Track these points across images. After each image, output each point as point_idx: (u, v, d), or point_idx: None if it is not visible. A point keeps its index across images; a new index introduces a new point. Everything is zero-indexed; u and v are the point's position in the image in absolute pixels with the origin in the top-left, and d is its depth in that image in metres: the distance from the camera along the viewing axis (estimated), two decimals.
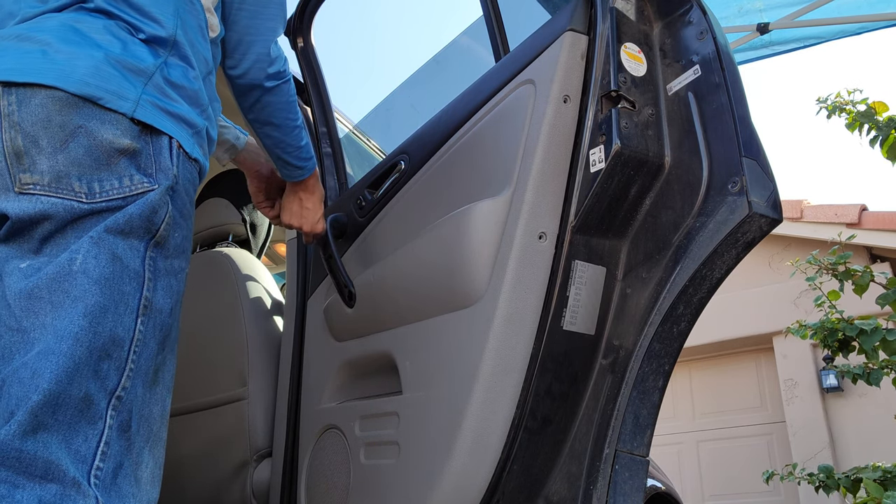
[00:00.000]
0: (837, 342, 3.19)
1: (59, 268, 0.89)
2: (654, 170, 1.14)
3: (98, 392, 0.88)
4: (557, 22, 1.23)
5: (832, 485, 3.24)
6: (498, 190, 1.22)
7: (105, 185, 0.94)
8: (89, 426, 0.86)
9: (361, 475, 1.35)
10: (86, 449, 0.85)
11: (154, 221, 0.97)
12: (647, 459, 1.13)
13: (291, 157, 1.34)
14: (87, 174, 0.93)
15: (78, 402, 0.85)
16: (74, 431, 0.85)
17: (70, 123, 0.93)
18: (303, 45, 1.96)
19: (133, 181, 0.96)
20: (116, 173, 0.95)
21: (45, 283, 0.88)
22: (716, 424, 6.56)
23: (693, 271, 1.06)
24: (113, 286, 0.91)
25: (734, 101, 1.06)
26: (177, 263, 1.01)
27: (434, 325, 1.27)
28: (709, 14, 1.14)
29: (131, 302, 0.93)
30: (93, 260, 0.90)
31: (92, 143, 0.94)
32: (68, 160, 0.92)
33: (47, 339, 0.86)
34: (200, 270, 1.89)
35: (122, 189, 0.95)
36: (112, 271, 0.91)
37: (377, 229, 1.52)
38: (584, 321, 1.17)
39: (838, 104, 3.11)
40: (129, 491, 0.90)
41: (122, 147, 0.95)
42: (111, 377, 0.90)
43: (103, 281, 0.90)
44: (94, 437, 0.86)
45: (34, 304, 0.88)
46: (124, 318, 0.92)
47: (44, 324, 0.87)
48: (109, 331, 0.90)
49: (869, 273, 3.11)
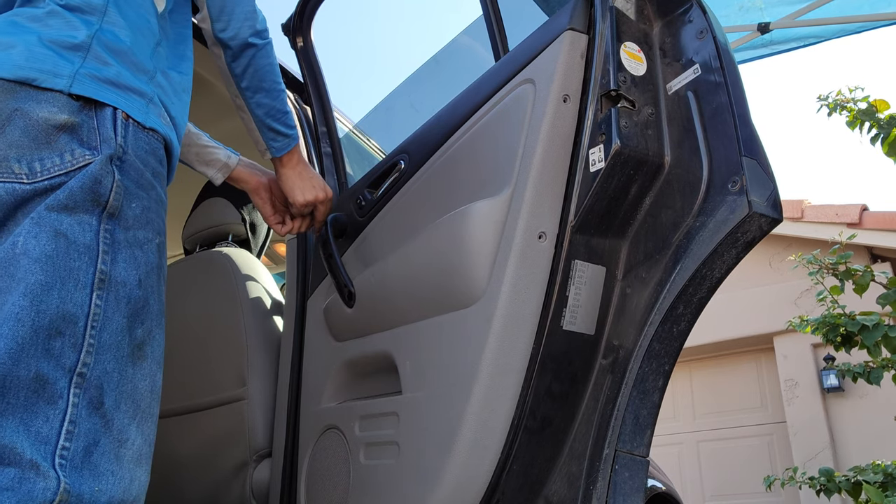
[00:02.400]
0: (839, 337, 3.19)
1: (4, 253, 0.89)
2: (653, 169, 1.14)
3: (54, 371, 0.87)
4: (557, 21, 1.22)
5: (833, 488, 3.24)
6: (497, 189, 1.22)
7: (46, 163, 0.93)
8: (49, 406, 0.85)
9: (361, 475, 1.35)
10: (47, 430, 0.84)
11: (100, 193, 0.95)
12: (647, 459, 1.13)
13: (281, 123, 1.34)
14: (26, 154, 0.92)
15: (29, 382, 0.84)
16: (32, 413, 0.84)
17: (6, 109, 0.93)
18: (303, 45, 1.95)
19: (75, 155, 0.95)
20: (57, 150, 0.94)
21: None
22: (716, 424, 6.56)
23: (693, 271, 1.06)
24: (57, 263, 0.90)
25: (734, 101, 1.06)
26: (141, 234, 1.00)
27: (434, 324, 1.27)
28: (709, 13, 1.14)
29: (83, 277, 0.92)
30: (32, 240, 0.89)
31: (28, 123, 0.93)
32: (5, 143, 0.92)
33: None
34: (200, 270, 1.89)
35: (65, 165, 0.94)
36: (55, 248, 0.90)
37: (377, 229, 1.52)
38: (584, 321, 1.17)
39: (839, 102, 3.11)
40: (107, 468, 0.89)
41: (60, 123, 0.95)
42: (67, 354, 0.88)
43: (45, 259, 0.89)
44: (55, 417, 0.85)
45: None
46: (75, 294, 0.91)
47: None
48: (56, 308, 0.88)
49: (869, 273, 3.11)
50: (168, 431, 1.84)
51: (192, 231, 2.03)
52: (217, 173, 1.47)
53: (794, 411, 6.00)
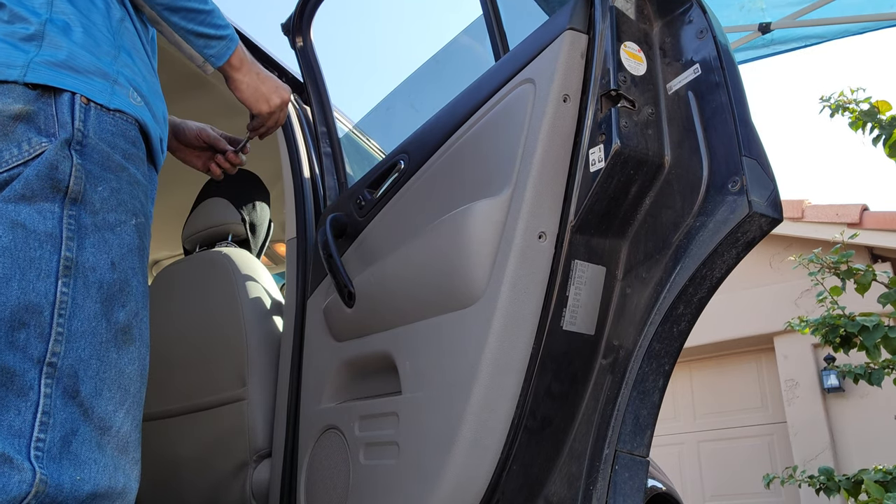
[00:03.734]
0: (839, 338, 3.18)
1: None
2: (653, 169, 1.14)
3: (21, 363, 0.86)
4: (557, 21, 1.22)
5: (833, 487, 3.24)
6: (497, 189, 1.22)
7: (4, 154, 0.93)
8: (19, 399, 0.84)
9: (361, 475, 1.35)
10: (20, 422, 0.83)
11: (58, 179, 0.94)
12: (648, 460, 1.13)
13: (206, 25, 1.18)
14: None
15: None
16: (2, 407, 0.83)
17: None
18: (302, 45, 1.95)
19: (31, 144, 0.94)
20: (15, 141, 0.93)
21: None
22: (716, 425, 6.56)
23: (693, 271, 1.06)
24: (15, 254, 0.89)
25: (734, 101, 1.06)
26: (112, 217, 0.98)
27: (434, 325, 1.27)
28: (709, 13, 1.14)
29: (45, 266, 0.91)
30: None
31: None
32: None
33: None
34: (200, 270, 1.89)
35: (22, 154, 0.93)
36: (12, 240, 0.89)
37: (377, 229, 1.52)
38: (584, 321, 1.17)
39: (841, 103, 3.11)
40: (89, 457, 0.88)
41: (15, 113, 0.94)
42: (33, 345, 0.87)
43: (2, 251, 0.88)
44: (27, 410, 0.84)
45: None
46: (37, 284, 0.90)
47: None
48: (17, 299, 0.88)
49: (871, 272, 3.10)
50: (168, 432, 1.84)
51: (191, 231, 2.03)
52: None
53: (795, 411, 5.99)
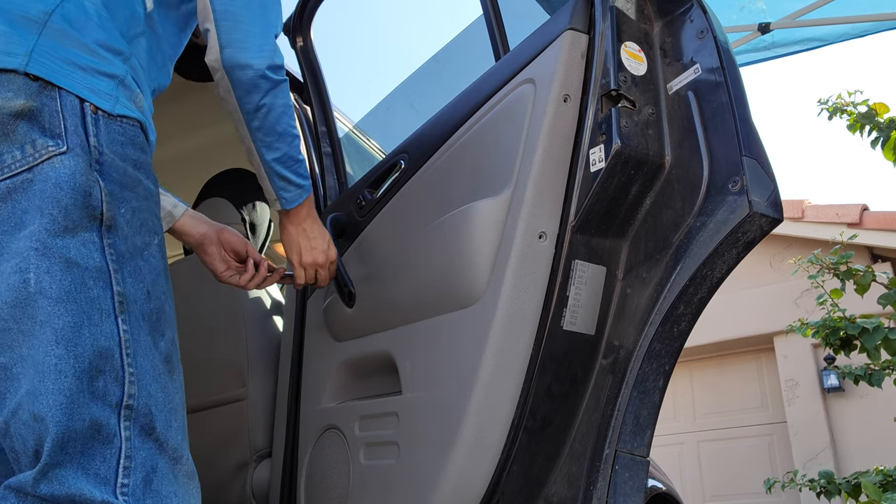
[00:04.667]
0: (839, 340, 3.18)
1: (14, 292, 0.81)
2: (654, 169, 1.14)
3: (103, 411, 0.82)
4: (557, 21, 1.22)
5: (833, 490, 3.24)
6: (498, 189, 1.22)
7: (6, 157, 0.83)
8: (104, 447, 0.81)
9: (361, 475, 1.35)
10: (105, 470, 0.80)
11: (93, 206, 0.86)
12: (648, 460, 1.13)
13: (293, 172, 1.18)
14: None
15: (85, 430, 0.80)
16: (89, 456, 0.80)
17: None
18: (303, 45, 1.95)
19: (36, 147, 0.84)
20: (17, 142, 0.84)
21: (9, 314, 0.81)
22: (716, 425, 6.56)
23: (693, 271, 1.06)
24: (78, 297, 0.83)
25: (735, 101, 1.06)
26: (138, 240, 0.91)
27: (434, 325, 1.27)
28: (709, 13, 1.14)
29: (104, 305, 0.85)
30: (46, 276, 0.81)
31: None
32: None
33: (29, 374, 0.80)
34: (200, 270, 1.89)
35: (26, 159, 0.84)
36: (71, 282, 0.83)
37: (377, 229, 1.52)
38: (584, 321, 1.16)
39: (839, 105, 3.11)
40: (169, 491, 0.85)
41: (16, 109, 0.84)
42: (112, 391, 0.83)
43: (65, 297, 0.82)
44: (112, 457, 0.81)
45: (4, 337, 0.81)
46: (103, 326, 0.84)
47: (22, 356, 0.80)
48: (91, 347, 0.82)
49: (871, 273, 3.10)
50: None
51: None
52: None
53: (795, 411, 5.99)
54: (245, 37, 1.05)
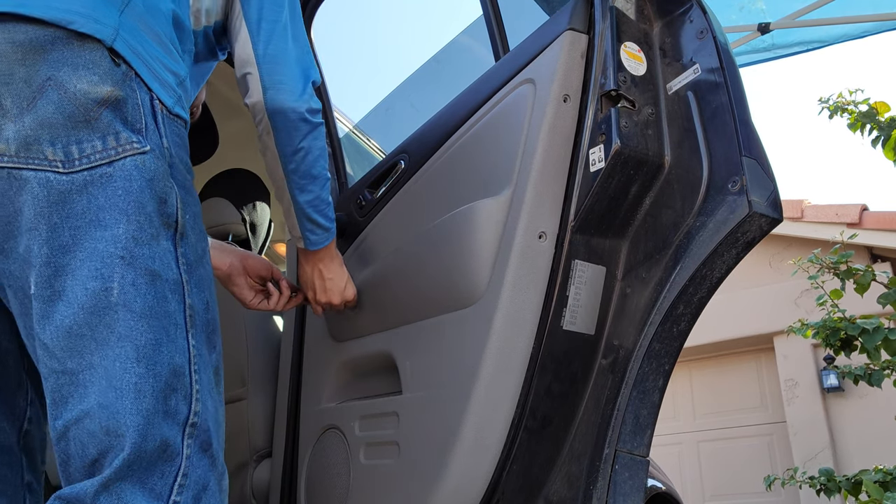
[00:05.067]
0: (839, 341, 3.18)
1: (94, 298, 0.77)
2: (653, 169, 1.14)
3: (171, 430, 0.79)
4: (557, 21, 1.22)
5: (833, 488, 3.24)
6: (498, 189, 1.22)
7: (85, 146, 0.78)
8: (166, 464, 0.79)
9: (361, 475, 1.35)
10: (161, 486, 0.78)
11: (169, 213, 0.83)
12: (647, 459, 1.13)
13: (322, 215, 1.19)
14: (61, 135, 0.77)
15: (155, 451, 0.78)
16: (150, 472, 0.78)
17: (37, 76, 0.77)
18: None
19: (119, 140, 0.79)
20: (98, 130, 0.79)
21: (84, 319, 0.77)
22: (716, 424, 6.56)
23: (693, 271, 1.06)
24: (159, 312, 0.80)
25: (734, 101, 1.06)
26: (199, 248, 0.89)
27: (434, 324, 1.27)
28: (709, 13, 1.14)
29: (178, 319, 0.82)
30: (131, 288, 0.78)
31: (63, 98, 0.77)
32: (36, 122, 0.77)
33: (101, 385, 0.76)
34: None
35: (107, 151, 0.79)
36: (154, 295, 0.79)
37: (377, 229, 1.52)
38: (584, 321, 1.17)
39: (840, 105, 3.11)
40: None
41: (102, 96, 0.79)
42: (181, 410, 0.80)
43: (148, 312, 0.79)
44: (170, 474, 0.79)
45: (76, 342, 0.77)
46: (178, 342, 0.81)
47: (92, 365, 0.77)
48: (168, 365, 0.79)
49: (870, 272, 3.10)
50: None
51: None
52: None
53: (795, 411, 5.99)
54: (287, 80, 1.07)
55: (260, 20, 1.07)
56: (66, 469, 0.78)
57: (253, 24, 1.07)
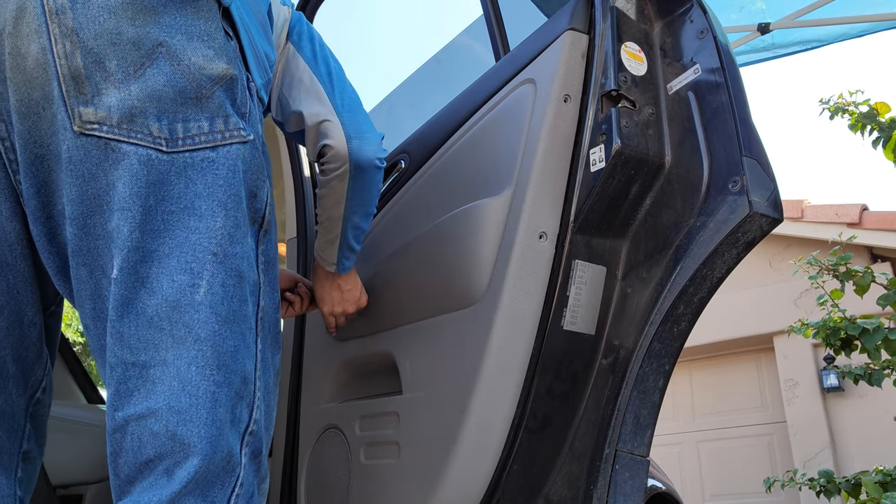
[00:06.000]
0: (839, 341, 3.18)
1: (179, 292, 0.72)
2: (654, 169, 1.14)
3: (235, 440, 0.76)
4: (558, 21, 1.22)
5: (833, 489, 3.24)
6: (498, 189, 1.22)
7: (191, 125, 0.72)
8: (227, 476, 0.75)
9: (361, 475, 1.35)
10: (221, 498, 0.75)
11: (257, 209, 0.79)
12: (648, 459, 1.13)
13: (359, 243, 1.22)
14: (168, 111, 0.71)
15: (221, 462, 0.74)
16: (212, 484, 0.74)
17: (147, 39, 0.70)
18: None
19: (228, 124, 0.74)
20: (208, 111, 0.73)
21: (166, 313, 0.72)
22: (716, 424, 6.56)
23: (693, 271, 1.06)
24: (240, 316, 0.76)
25: (735, 101, 1.06)
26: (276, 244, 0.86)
27: (434, 324, 1.27)
28: (709, 13, 1.14)
29: (251, 323, 0.78)
30: (220, 289, 0.73)
31: (176, 69, 0.71)
32: (144, 92, 0.70)
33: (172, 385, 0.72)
34: None
35: (214, 135, 0.73)
36: (239, 299, 0.76)
37: (377, 229, 1.52)
38: (585, 321, 1.17)
39: (840, 105, 3.11)
40: None
41: (217, 74, 0.73)
42: (244, 418, 0.77)
43: (232, 317, 0.75)
44: (229, 485, 0.75)
45: (153, 334, 0.72)
46: (250, 347, 0.77)
47: (164, 361, 0.73)
48: (241, 372, 0.76)
49: (870, 273, 3.10)
50: None
51: None
52: None
53: (794, 411, 5.99)
54: (369, 131, 1.08)
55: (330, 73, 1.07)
56: (115, 461, 0.74)
57: (324, 76, 1.07)
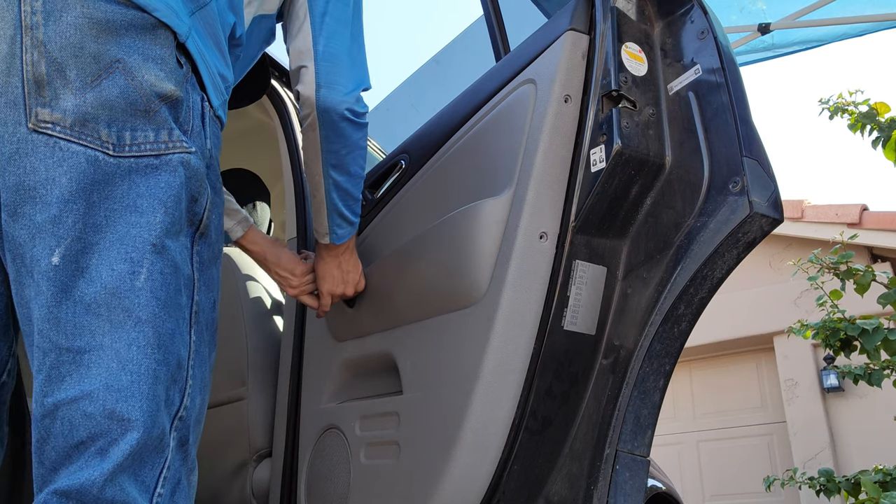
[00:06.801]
0: (839, 342, 3.19)
1: (118, 280, 0.77)
2: (654, 169, 1.14)
3: (167, 422, 0.80)
4: (558, 22, 1.22)
5: (833, 488, 3.24)
6: (499, 190, 1.22)
7: (138, 135, 0.79)
8: (157, 456, 0.79)
9: (362, 475, 1.35)
10: (150, 478, 0.78)
11: (196, 212, 0.85)
12: (648, 459, 1.13)
13: (351, 211, 1.24)
14: (118, 120, 0.78)
15: (156, 439, 0.78)
16: (143, 464, 0.77)
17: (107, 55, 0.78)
18: None
19: (172, 136, 0.81)
20: (154, 123, 0.80)
21: (104, 300, 0.76)
22: (716, 424, 6.56)
23: (694, 271, 1.06)
24: (176, 303, 0.81)
25: (735, 101, 1.06)
26: (217, 248, 0.91)
27: (435, 324, 1.27)
28: (710, 14, 1.14)
29: (186, 313, 0.84)
30: (159, 276, 0.79)
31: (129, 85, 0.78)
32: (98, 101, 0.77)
33: (110, 367, 0.76)
34: None
35: (158, 144, 0.80)
36: (175, 288, 0.81)
37: (378, 229, 1.52)
38: (585, 321, 1.17)
39: (840, 105, 3.11)
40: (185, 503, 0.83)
41: (165, 93, 0.81)
42: (175, 401, 0.82)
43: (169, 302, 0.80)
44: (158, 466, 0.79)
45: (91, 321, 0.76)
46: (184, 336, 0.83)
47: (101, 345, 0.76)
48: (176, 355, 0.81)
49: (871, 272, 3.10)
50: None
51: None
52: (237, 226, 1.35)
53: (795, 411, 6.00)
54: (341, 80, 1.10)
55: (325, 14, 1.10)
56: (41, 449, 0.76)
57: (317, 16, 1.10)
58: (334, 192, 1.20)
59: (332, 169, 1.18)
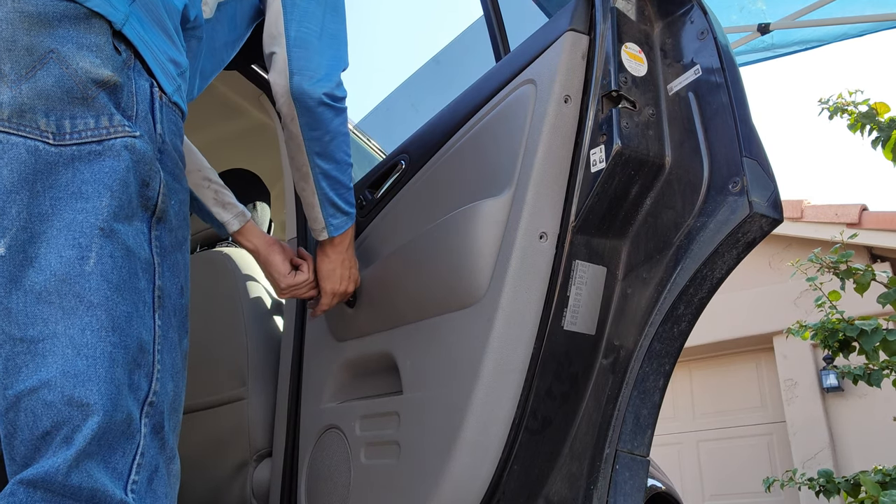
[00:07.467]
0: (838, 343, 3.18)
1: (67, 266, 0.77)
2: (654, 170, 1.14)
3: (134, 406, 0.80)
4: (558, 22, 1.22)
5: (832, 489, 3.24)
6: (499, 190, 1.22)
7: (78, 122, 0.80)
8: (128, 442, 0.79)
9: (362, 475, 1.35)
10: (122, 465, 0.78)
11: (148, 196, 0.85)
12: (648, 459, 1.13)
13: (343, 200, 1.22)
14: (56, 108, 0.79)
15: (121, 424, 0.78)
16: (113, 450, 0.77)
17: (39, 47, 0.78)
18: None
19: (113, 122, 0.81)
20: (93, 110, 0.81)
21: (55, 287, 0.77)
22: (716, 424, 6.57)
23: (694, 271, 1.06)
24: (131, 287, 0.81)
25: (735, 101, 1.06)
26: (180, 234, 0.90)
27: (435, 324, 1.27)
28: (709, 14, 1.14)
29: (147, 297, 0.83)
30: (108, 260, 0.79)
31: (63, 74, 0.79)
32: (34, 91, 0.78)
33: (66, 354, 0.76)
34: (200, 270, 1.89)
35: (99, 130, 0.81)
36: (128, 270, 0.81)
37: (377, 229, 1.52)
38: (585, 321, 1.17)
39: (840, 105, 3.11)
40: (163, 492, 0.83)
41: (101, 79, 0.81)
42: (142, 386, 0.81)
43: (123, 285, 0.79)
44: (130, 452, 0.79)
45: (42, 309, 0.76)
46: (146, 319, 0.82)
47: (55, 333, 0.76)
48: (136, 338, 0.81)
49: (870, 272, 3.10)
50: None
51: (192, 231, 2.03)
52: (233, 219, 1.33)
53: (794, 411, 6.00)
54: (315, 66, 1.08)
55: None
56: (10, 444, 0.76)
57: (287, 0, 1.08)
58: (323, 181, 1.19)
59: (317, 157, 1.16)
